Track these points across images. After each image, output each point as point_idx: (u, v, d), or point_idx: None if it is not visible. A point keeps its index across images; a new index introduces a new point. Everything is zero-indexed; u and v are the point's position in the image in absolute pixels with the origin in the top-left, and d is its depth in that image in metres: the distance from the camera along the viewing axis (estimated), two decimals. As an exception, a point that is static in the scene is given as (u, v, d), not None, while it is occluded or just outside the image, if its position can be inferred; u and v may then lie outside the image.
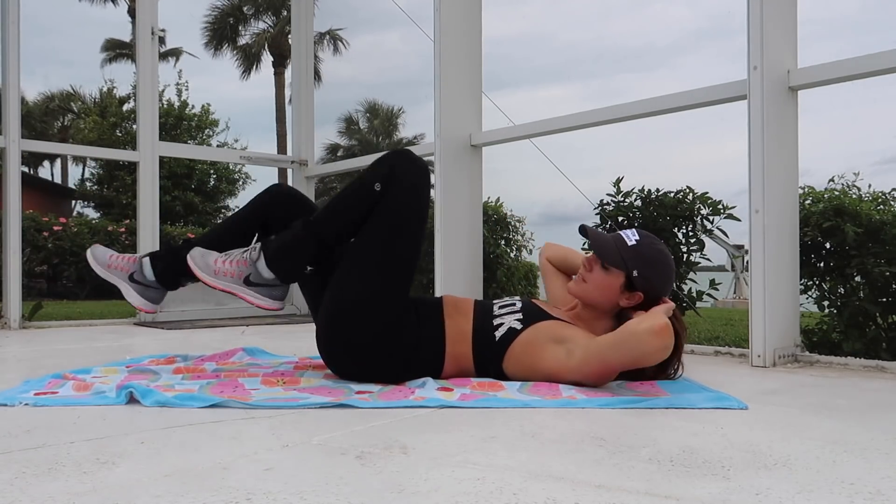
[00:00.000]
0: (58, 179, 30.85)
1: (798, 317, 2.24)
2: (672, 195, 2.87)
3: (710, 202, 2.82)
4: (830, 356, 2.15)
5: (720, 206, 2.81)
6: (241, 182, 15.89)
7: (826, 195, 2.51)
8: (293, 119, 4.51)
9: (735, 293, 12.41)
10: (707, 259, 2.89)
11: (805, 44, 2.23)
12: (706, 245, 2.87)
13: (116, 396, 1.47)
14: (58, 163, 33.94)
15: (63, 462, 1.02)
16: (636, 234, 1.70)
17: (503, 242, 4.53)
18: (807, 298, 2.49)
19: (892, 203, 2.47)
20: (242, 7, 23.10)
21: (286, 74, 21.72)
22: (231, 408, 1.41)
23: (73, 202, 19.39)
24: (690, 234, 2.87)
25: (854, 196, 2.51)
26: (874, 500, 0.86)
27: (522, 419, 1.32)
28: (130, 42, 23.69)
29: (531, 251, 4.77)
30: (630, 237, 1.69)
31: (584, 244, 3.11)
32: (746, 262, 2.37)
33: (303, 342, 2.37)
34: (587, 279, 1.70)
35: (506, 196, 4.63)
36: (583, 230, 1.76)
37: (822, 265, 2.48)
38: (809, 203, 2.51)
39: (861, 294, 2.36)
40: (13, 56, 3.36)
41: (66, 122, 29.95)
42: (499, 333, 1.66)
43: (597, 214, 3.05)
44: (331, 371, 1.74)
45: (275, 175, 19.72)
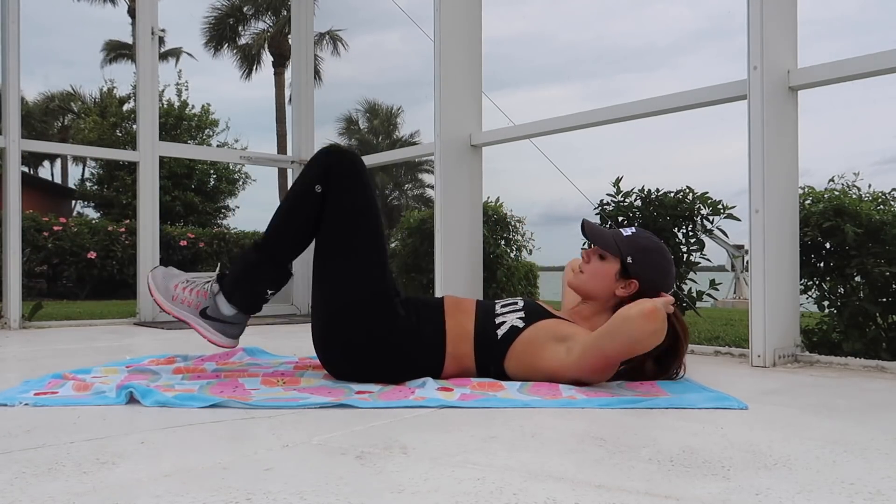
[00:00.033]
0: (58, 179, 30.88)
1: (798, 317, 2.24)
2: (672, 195, 2.87)
3: (710, 202, 2.82)
4: (830, 356, 2.15)
5: (720, 206, 2.81)
6: (241, 182, 15.88)
7: (826, 195, 2.51)
8: (293, 119, 4.51)
9: (735, 293, 12.42)
10: (707, 259, 2.89)
11: (805, 44, 2.23)
12: (706, 245, 2.87)
13: (116, 396, 1.47)
14: (58, 163, 33.99)
15: (63, 462, 1.02)
16: (633, 229, 1.76)
17: (503, 242, 4.53)
18: (807, 298, 2.49)
19: (892, 203, 2.47)
20: (242, 7, 23.10)
21: (286, 74, 21.72)
22: (231, 408, 1.41)
23: (73, 202, 19.39)
24: (690, 234, 2.87)
25: (854, 196, 2.51)
26: (874, 500, 0.86)
27: (522, 419, 1.32)
28: (131, 43, 23.68)
29: (531, 251, 4.77)
30: (627, 230, 1.75)
31: (584, 244, 3.11)
32: (746, 262, 2.37)
33: (303, 342, 2.37)
34: (585, 270, 1.75)
35: (506, 196, 4.64)
36: (582, 225, 1.78)
37: (822, 265, 2.48)
38: (809, 203, 2.51)
39: (861, 294, 2.36)
40: (13, 56, 3.36)
41: (66, 122, 29.96)
42: (501, 332, 1.66)
43: (597, 214, 3.05)
44: (331, 375, 1.74)
45: (275, 175, 19.72)
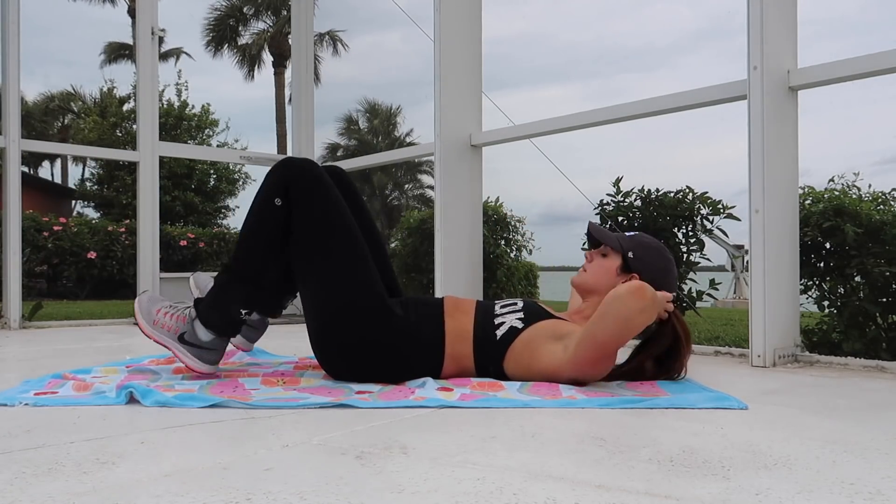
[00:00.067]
0: (58, 179, 30.88)
1: (798, 317, 2.24)
2: (672, 195, 2.87)
3: (710, 202, 2.82)
4: (830, 356, 2.15)
5: (720, 206, 2.81)
6: (241, 182, 15.88)
7: (826, 195, 2.51)
8: (293, 119, 4.51)
9: (735, 293, 12.43)
10: (707, 259, 2.89)
11: (805, 44, 2.23)
12: (706, 245, 2.87)
13: (116, 396, 1.47)
14: (58, 163, 33.99)
15: (63, 462, 1.02)
16: (635, 232, 1.81)
17: (503, 242, 4.53)
18: (807, 298, 2.49)
19: (892, 203, 2.47)
20: (242, 7, 23.10)
21: (286, 74, 21.72)
22: (231, 408, 1.41)
23: (73, 202, 19.40)
24: (690, 234, 2.87)
25: (854, 196, 2.51)
26: (874, 500, 0.86)
27: (522, 419, 1.32)
28: (132, 43, 23.68)
29: (531, 251, 4.77)
30: (630, 232, 1.80)
31: (584, 244, 3.11)
32: (746, 262, 2.37)
33: (303, 342, 2.37)
34: (587, 269, 1.78)
35: (506, 196, 4.64)
36: (588, 227, 1.81)
37: (822, 265, 2.48)
38: (809, 203, 2.51)
39: (861, 294, 2.36)
40: (13, 56, 3.36)
41: (66, 122, 29.96)
42: (500, 332, 1.67)
43: (597, 214, 3.05)
44: (330, 376, 1.74)
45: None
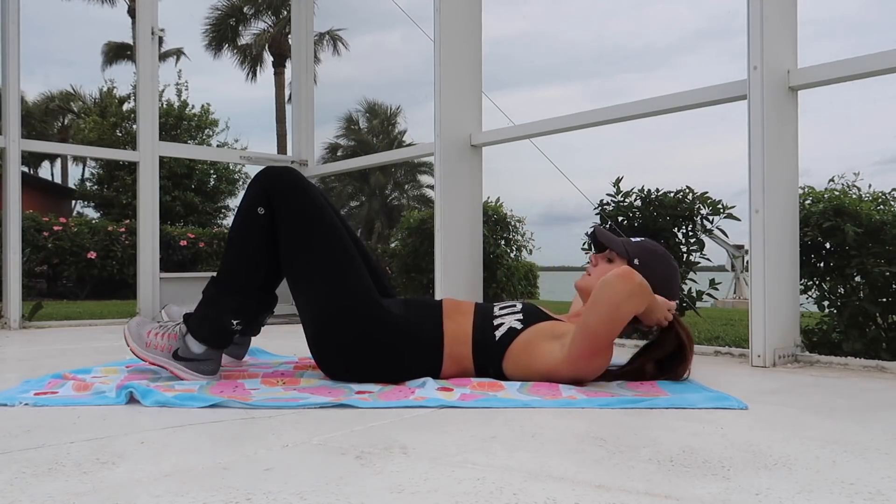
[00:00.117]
0: (58, 179, 30.88)
1: (798, 317, 2.24)
2: (672, 195, 2.87)
3: (710, 202, 2.82)
4: (830, 356, 2.15)
5: (720, 206, 2.81)
6: (241, 182, 15.88)
7: (826, 195, 2.51)
8: (293, 119, 4.51)
9: (735, 293, 12.44)
10: (707, 259, 2.89)
11: (805, 44, 2.23)
12: (706, 245, 2.87)
13: (116, 396, 1.47)
14: (58, 163, 33.99)
15: (63, 462, 1.02)
16: (642, 237, 1.81)
17: (503, 242, 4.53)
18: (807, 298, 2.49)
19: (892, 203, 2.47)
20: (242, 7, 23.10)
21: (286, 74, 21.72)
22: (231, 408, 1.42)
23: (73, 202, 19.40)
24: (690, 234, 2.87)
25: (854, 196, 2.51)
26: (874, 500, 0.86)
27: (522, 419, 1.32)
28: (132, 43, 23.68)
29: (531, 251, 4.78)
30: (636, 238, 1.80)
31: (584, 244, 3.11)
32: (746, 262, 2.37)
33: (302, 342, 2.36)
34: (592, 273, 1.78)
35: (506, 196, 4.64)
36: (593, 231, 1.81)
37: (822, 265, 2.48)
38: (809, 203, 2.51)
39: (861, 294, 2.36)
40: (13, 56, 3.36)
41: (66, 122, 29.96)
42: (499, 333, 1.67)
43: (597, 214, 3.05)
44: (329, 378, 1.75)
45: (275, 175, 19.68)
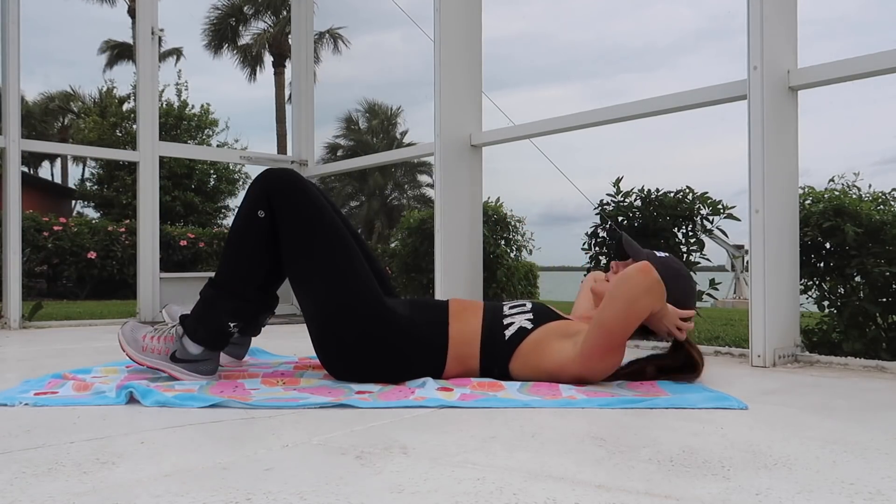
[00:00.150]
0: (58, 179, 30.90)
1: (798, 317, 2.24)
2: (672, 195, 2.87)
3: (710, 202, 2.82)
4: (830, 356, 2.15)
5: (720, 206, 2.81)
6: (242, 182, 15.88)
7: (826, 195, 2.52)
8: (293, 119, 4.51)
9: (735, 293, 12.44)
10: (707, 259, 2.89)
11: (805, 44, 2.23)
12: (706, 245, 2.87)
13: (116, 396, 1.48)
14: (58, 163, 34.02)
15: (63, 462, 1.02)
16: (666, 253, 1.80)
17: (503, 242, 4.53)
18: (807, 298, 2.49)
19: (892, 203, 2.47)
20: (243, 7, 23.10)
21: (286, 74, 21.72)
22: (231, 408, 1.42)
23: (73, 202, 19.40)
24: (690, 234, 2.87)
25: (854, 196, 2.51)
26: (874, 500, 0.86)
27: (522, 419, 1.32)
28: (131, 43, 23.68)
29: (531, 251, 4.78)
30: (661, 252, 1.80)
31: (584, 244, 3.11)
32: (746, 262, 2.37)
33: (303, 342, 2.37)
34: (610, 279, 1.77)
35: (506, 196, 4.64)
36: (620, 238, 1.81)
37: (822, 265, 2.49)
38: (809, 203, 2.51)
39: (861, 294, 2.36)
40: (13, 56, 3.36)
41: (66, 122, 29.97)
42: (509, 332, 1.67)
43: (597, 214, 3.05)
44: (331, 376, 1.75)
45: (275, 175, 19.68)
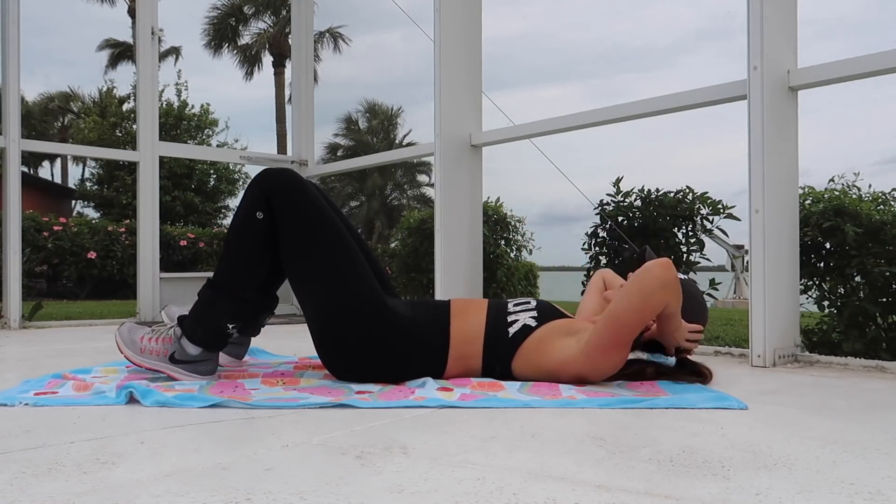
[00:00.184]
0: (58, 179, 30.90)
1: (798, 317, 2.24)
2: (672, 195, 2.87)
3: (710, 202, 2.82)
4: (830, 356, 2.15)
5: (720, 206, 2.81)
6: (241, 182, 15.88)
7: (826, 195, 2.51)
8: (293, 119, 4.51)
9: (735, 293, 12.44)
10: (707, 259, 2.89)
11: (805, 44, 2.23)
12: (706, 245, 2.87)
13: (116, 396, 1.48)
14: (58, 163, 34.01)
15: (63, 462, 1.02)
16: (686, 276, 1.81)
17: (503, 242, 4.53)
18: (807, 298, 2.49)
19: (892, 203, 2.47)
20: (242, 7, 23.09)
21: (286, 74, 21.72)
22: (231, 408, 1.42)
23: (73, 202, 19.40)
24: (690, 234, 2.87)
25: (854, 196, 2.51)
26: (874, 500, 0.86)
27: (522, 419, 1.32)
28: (131, 42, 23.68)
29: (531, 251, 4.78)
30: (682, 274, 1.79)
31: (584, 244, 3.11)
32: (746, 262, 2.37)
33: (303, 342, 2.37)
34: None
35: (506, 196, 4.63)
36: (643, 251, 1.81)
37: (822, 265, 2.48)
38: (809, 203, 2.51)
39: (861, 294, 2.36)
40: (13, 56, 3.36)
41: (66, 122, 29.97)
42: (512, 330, 1.67)
43: (597, 214, 3.05)
44: (332, 375, 1.74)
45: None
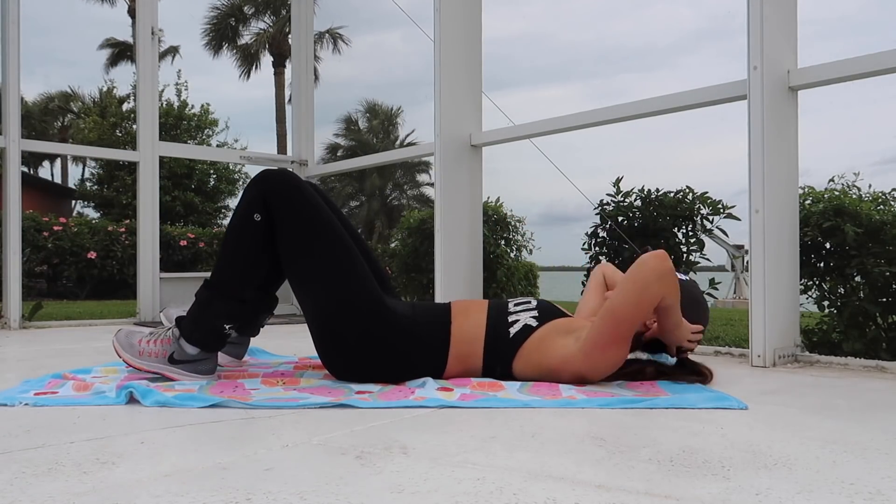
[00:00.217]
0: (58, 179, 30.89)
1: (798, 317, 2.24)
2: (672, 195, 2.87)
3: (710, 202, 2.82)
4: (830, 356, 2.15)
5: (720, 206, 2.81)
6: (242, 182, 15.87)
7: (826, 195, 2.51)
8: (293, 119, 4.51)
9: (735, 293, 12.44)
10: (707, 259, 2.89)
11: (805, 44, 2.23)
12: (706, 245, 2.87)
13: (116, 396, 1.48)
14: (58, 163, 34.01)
15: (63, 462, 1.02)
16: (686, 277, 1.82)
17: (503, 242, 4.53)
18: (807, 298, 2.49)
19: (892, 203, 2.47)
20: (242, 7, 23.09)
21: (286, 74, 21.72)
22: (231, 408, 1.42)
23: (73, 202, 19.40)
24: (690, 234, 2.87)
25: (854, 196, 2.51)
26: (874, 500, 0.86)
27: (522, 419, 1.32)
28: (131, 42, 23.68)
29: (531, 251, 4.78)
30: (681, 275, 1.79)
31: (583, 244, 3.11)
32: (746, 262, 2.37)
33: (303, 342, 2.37)
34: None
35: (506, 196, 4.63)
36: (644, 250, 1.80)
37: (822, 265, 2.48)
38: (809, 203, 2.51)
39: (861, 294, 2.36)
40: (13, 56, 3.36)
41: (66, 122, 29.97)
42: (513, 330, 1.67)
43: (597, 214, 3.05)
44: (332, 375, 1.74)
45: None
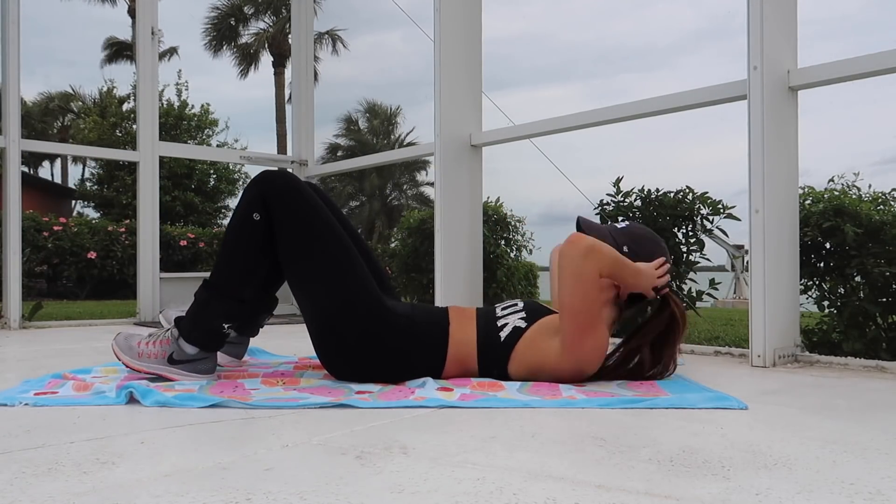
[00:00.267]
0: (58, 179, 30.89)
1: (798, 317, 2.24)
2: (672, 195, 2.87)
3: (710, 202, 2.82)
4: (830, 356, 2.15)
5: (720, 206, 2.81)
6: (242, 182, 15.87)
7: (826, 195, 2.51)
8: (293, 119, 4.51)
9: (735, 293, 12.44)
10: (707, 259, 2.89)
11: (805, 44, 2.22)
12: (706, 245, 2.86)
13: (116, 396, 1.48)
14: (58, 163, 34.01)
15: (63, 462, 1.02)
16: (626, 222, 1.82)
17: (503, 242, 4.53)
18: (807, 298, 2.49)
19: (892, 203, 2.47)
20: (242, 7, 23.10)
21: (286, 74, 21.72)
22: (231, 408, 1.42)
23: (73, 202, 19.40)
24: (690, 234, 2.87)
25: (854, 196, 2.51)
26: (874, 500, 0.86)
27: (522, 419, 1.32)
28: (131, 41, 23.68)
29: (531, 251, 4.77)
30: (621, 224, 1.80)
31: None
32: (746, 262, 2.37)
33: (303, 342, 2.37)
34: None
35: (506, 196, 4.63)
36: (578, 222, 1.79)
37: (822, 265, 2.48)
38: (809, 203, 2.51)
39: (861, 294, 2.36)
40: (13, 56, 3.36)
41: (66, 122, 29.96)
42: (504, 334, 1.67)
43: (597, 214, 3.05)
44: (332, 376, 1.74)
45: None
